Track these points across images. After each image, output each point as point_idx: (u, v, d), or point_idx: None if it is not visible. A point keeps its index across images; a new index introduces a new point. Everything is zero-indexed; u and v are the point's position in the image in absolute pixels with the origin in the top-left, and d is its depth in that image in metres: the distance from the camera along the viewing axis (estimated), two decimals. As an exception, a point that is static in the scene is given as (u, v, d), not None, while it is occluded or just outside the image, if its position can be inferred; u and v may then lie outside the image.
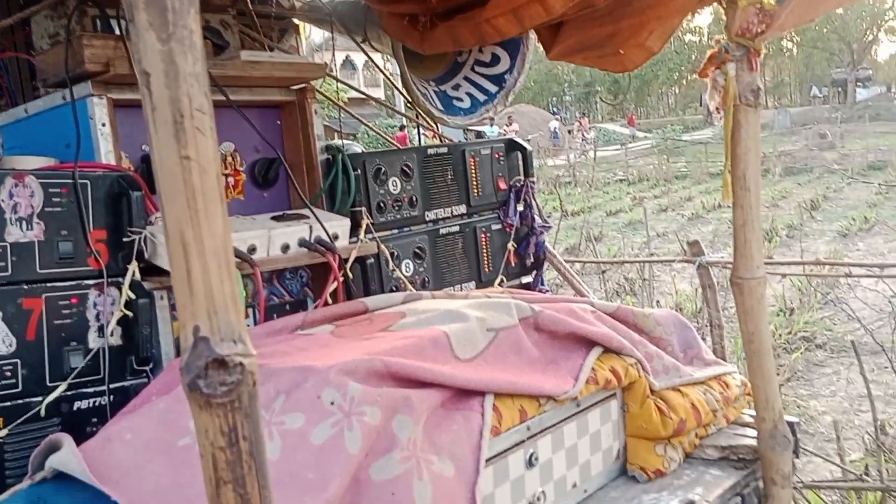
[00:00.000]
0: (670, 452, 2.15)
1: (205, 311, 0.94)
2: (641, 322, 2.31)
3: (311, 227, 2.29)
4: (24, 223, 1.78)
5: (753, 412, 2.20)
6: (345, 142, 3.08)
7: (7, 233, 1.76)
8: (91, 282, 1.87)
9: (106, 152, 2.04)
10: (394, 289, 2.62)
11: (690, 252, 4.49)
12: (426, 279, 2.77)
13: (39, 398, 1.76)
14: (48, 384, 1.78)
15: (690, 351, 2.40)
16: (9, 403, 1.72)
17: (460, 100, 3.17)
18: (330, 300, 2.28)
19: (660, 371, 2.18)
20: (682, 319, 2.44)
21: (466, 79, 3.21)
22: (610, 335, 2.08)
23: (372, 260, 2.49)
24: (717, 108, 2.02)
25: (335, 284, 2.29)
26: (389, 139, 4.68)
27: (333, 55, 4.21)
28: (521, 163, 3.18)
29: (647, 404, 2.10)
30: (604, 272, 7.64)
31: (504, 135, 25.58)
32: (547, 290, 3.19)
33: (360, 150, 2.87)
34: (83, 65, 2.02)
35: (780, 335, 6.82)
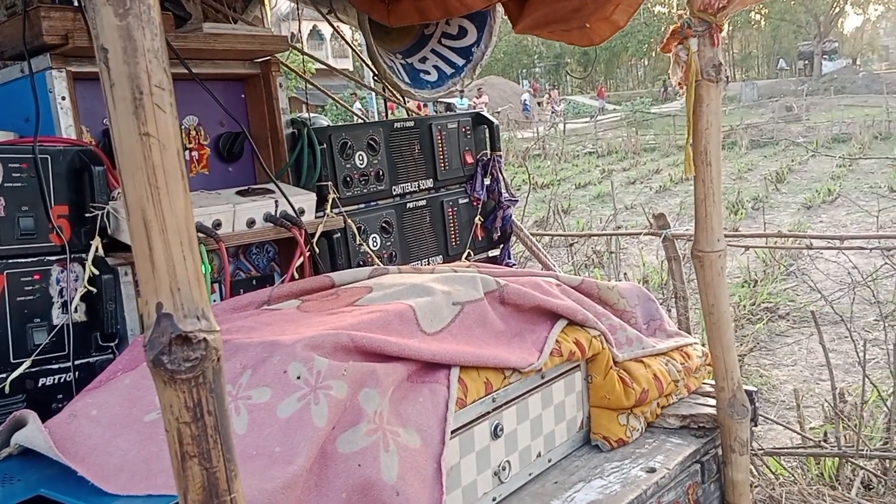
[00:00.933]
0: (633, 422, 2.20)
1: (167, 287, 0.95)
2: (605, 295, 2.34)
3: (276, 201, 2.29)
4: (-17, 199, 1.76)
5: (713, 382, 2.25)
6: (311, 115, 3.06)
7: (-34, 209, 1.74)
8: (53, 258, 1.85)
9: (66, 126, 2.02)
10: (361, 263, 2.63)
11: (657, 225, 4.54)
12: (393, 253, 2.79)
13: (3, 375, 1.75)
14: (12, 361, 1.77)
15: (653, 322, 2.45)
16: (-29, 381, 1.71)
17: (427, 73, 3.16)
18: (296, 275, 2.28)
19: (623, 343, 2.23)
20: (646, 292, 2.48)
21: (433, 51, 3.20)
22: (574, 308, 2.11)
23: (338, 234, 2.50)
24: (679, 83, 2.04)
25: (301, 259, 2.29)
26: (357, 113, 4.66)
27: (300, 26, 4.17)
28: (488, 137, 3.19)
29: (610, 375, 2.14)
30: (571, 245, 7.68)
31: (474, 107, 25.51)
32: (513, 264, 3.22)
33: (326, 124, 2.85)
34: (41, 37, 1.98)
35: (744, 306, 6.94)
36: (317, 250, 2.37)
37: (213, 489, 0.98)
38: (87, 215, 1.90)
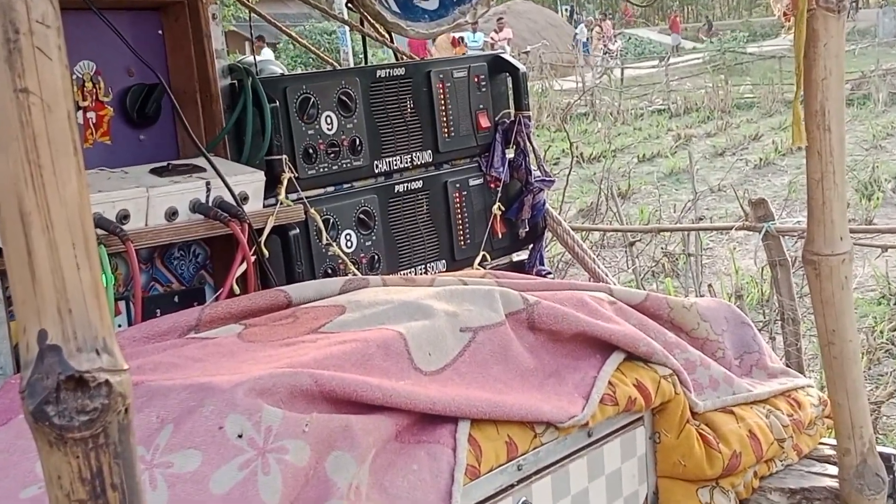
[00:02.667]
0: (719, 499, 2.20)
1: (54, 308, 0.96)
2: (680, 317, 2.35)
3: (208, 183, 2.30)
4: None
5: (835, 442, 2.25)
6: (257, 58, 3.08)
7: None
8: None
9: None
10: (329, 272, 2.64)
11: (754, 216, 4.55)
12: (375, 257, 2.80)
13: None
14: None
15: (749, 356, 2.45)
16: None
17: (425, -3, 3.17)
18: (237, 289, 2.29)
19: (705, 385, 2.23)
20: (738, 312, 2.49)
21: (434, -33, 3.21)
22: (635, 336, 2.12)
23: (297, 231, 2.51)
24: (784, 13, 2.05)
25: (244, 266, 2.30)
26: (321, 55, 4.67)
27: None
28: (511, 89, 3.19)
29: (686, 432, 2.14)
30: (632, 244, 7.68)
31: (492, 45, 25.51)
32: (548, 273, 3.23)
33: (279, 72, 2.86)
34: None
35: (881, 332, 6.93)
36: (265, 253, 2.38)
37: None
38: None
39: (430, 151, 2.98)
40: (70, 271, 0.97)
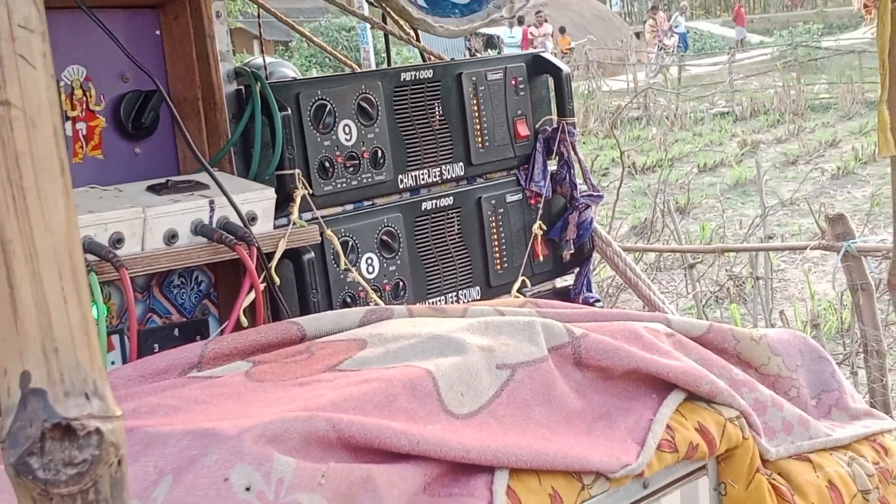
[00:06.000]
0: (795, 560, 2.18)
1: (38, 347, 0.97)
2: (748, 350, 2.34)
3: (212, 202, 2.31)
4: None
5: (928, 493, 2.23)
6: (269, 60, 3.09)
7: None
8: None
9: None
10: (348, 301, 2.64)
11: (832, 233, 4.52)
12: (400, 284, 2.80)
13: None
14: None
15: (827, 396, 2.43)
16: None
17: (455, -10, 3.18)
18: (245, 321, 2.30)
19: (777, 429, 2.21)
20: (814, 345, 2.47)
21: (464, -44, 3.22)
22: (697, 373, 2.10)
23: (311, 254, 2.51)
24: (864, 5, 2.04)
25: (253, 295, 2.31)
26: (339, 56, 4.69)
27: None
28: (553, 93, 3.19)
29: (756, 483, 2.12)
30: (692, 266, 7.65)
31: (532, 43, 25.54)
32: (597, 301, 3.22)
33: (292, 76, 2.88)
34: None
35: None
36: (277, 280, 2.39)
37: None
38: None
39: (461, 164, 2.98)
40: (56, 306, 0.98)
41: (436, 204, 2.91)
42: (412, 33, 3.44)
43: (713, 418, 2.08)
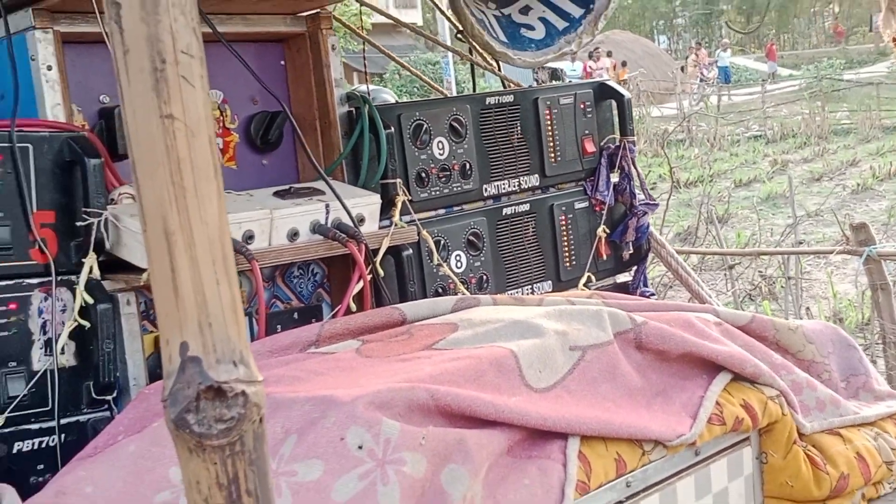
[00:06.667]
0: (826, 520, 2.15)
1: (195, 322, 0.98)
2: (786, 338, 2.31)
3: (327, 206, 2.33)
4: (-53, 202, 1.85)
5: (945, 466, 2.18)
6: (371, 87, 3.11)
7: (-75, 215, 1.82)
8: (35, 281, 1.93)
9: (52, 105, 2.09)
10: (440, 291, 2.65)
11: (855, 240, 4.46)
12: (484, 277, 2.80)
13: (-32, 437, 1.82)
14: (-20, 418, 1.84)
15: (855, 379, 2.40)
16: (-71, 443, 1.79)
17: (531, 28, 3.17)
18: (354, 306, 2.31)
19: (812, 407, 2.18)
20: (844, 335, 2.44)
21: (540, -2, 3.21)
22: (742, 357, 2.08)
23: (410, 251, 2.52)
24: (893, 39, 2.00)
25: (361, 285, 2.32)
26: (434, 85, 4.71)
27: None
28: (616, 115, 3.17)
29: (794, 453, 2.10)
30: (731, 267, 7.56)
31: (590, 75, 25.41)
32: (652, 294, 3.19)
33: (392, 100, 2.89)
34: (22, -13, 2.07)
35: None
36: (381, 273, 2.40)
37: None
38: (78, 224, 1.97)
39: (536, 175, 2.98)
40: (210, 287, 0.99)
41: (514, 210, 2.91)
42: (494, 64, 3.44)
43: (756, 396, 2.07)
